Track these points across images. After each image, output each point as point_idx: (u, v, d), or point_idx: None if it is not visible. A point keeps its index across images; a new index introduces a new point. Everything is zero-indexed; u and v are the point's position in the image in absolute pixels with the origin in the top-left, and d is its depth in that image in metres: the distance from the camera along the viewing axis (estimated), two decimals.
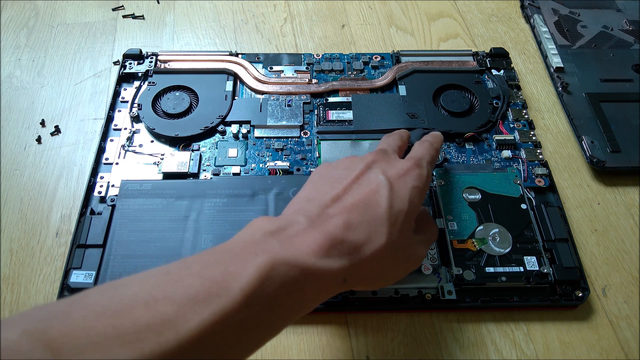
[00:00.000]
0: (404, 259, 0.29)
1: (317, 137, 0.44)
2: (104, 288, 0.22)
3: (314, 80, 0.48)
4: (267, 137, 0.44)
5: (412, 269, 0.31)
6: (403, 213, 0.28)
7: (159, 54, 0.49)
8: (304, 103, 0.46)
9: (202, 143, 0.43)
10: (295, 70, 0.49)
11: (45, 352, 0.18)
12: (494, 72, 0.49)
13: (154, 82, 0.46)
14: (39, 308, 0.21)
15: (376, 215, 0.27)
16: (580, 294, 0.35)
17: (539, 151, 0.43)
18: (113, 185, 0.40)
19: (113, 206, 0.38)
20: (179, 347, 0.20)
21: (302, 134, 0.44)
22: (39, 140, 0.45)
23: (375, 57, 0.51)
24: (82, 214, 0.38)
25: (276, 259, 0.23)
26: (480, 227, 0.37)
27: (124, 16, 0.55)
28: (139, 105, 0.45)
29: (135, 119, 0.44)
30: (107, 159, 0.42)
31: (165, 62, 0.49)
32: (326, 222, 0.26)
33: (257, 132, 0.44)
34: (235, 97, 0.47)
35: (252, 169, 0.42)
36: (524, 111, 0.46)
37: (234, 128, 0.44)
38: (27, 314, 0.21)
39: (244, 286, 0.22)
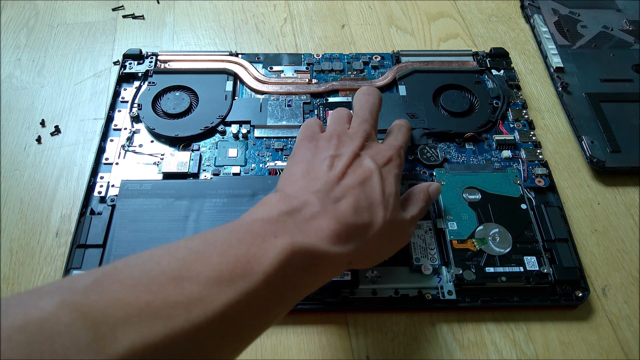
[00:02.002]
0: (397, 236, 0.32)
1: None
2: (131, 262, 0.23)
3: (314, 80, 0.48)
4: (267, 137, 0.44)
5: (403, 244, 0.33)
6: (392, 196, 0.31)
7: (159, 54, 0.49)
8: (304, 103, 0.46)
9: (202, 143, 0.43)
10: (295, 70, 0.49)
11: (84, 324, 0.19)
12: (494, 72, 0.49)
13: (154, 82, 0.46)
14: (70, 279, 0.21)
15: (373, 198, 0.30)
16: (580, 294, 0.35)
17: (539, 151, 0.43)
18: (113, 185, 0.40)
19: (113, 206, 0.38)
20: (206, 323, 0.21)
21: None
22: (39, 140, 0.45)
23: (375, 57, 0.51)
24: (82, 214, 0.38)
25: (295, 245, 0.25)
26: (480, 227, 0.37)
27: (124, 16, 0.55)
28: (139, 105, 0.45)
29: (135, 119, 0.44)
30: (107, 159, 0.42)
31: (165, 62, 0.49)
32: (336, 204, 0.28)
33: (257, 132, 0.44)
34: (235, 97, 0.47)
35: (252, 169, 0.42)
36: (524, 111, 0.46)
37: (234, 128, 0.44)
38: (59, 284, 0.21)
39: (265, 269, 0.23)
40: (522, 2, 0.57)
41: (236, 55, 0.50)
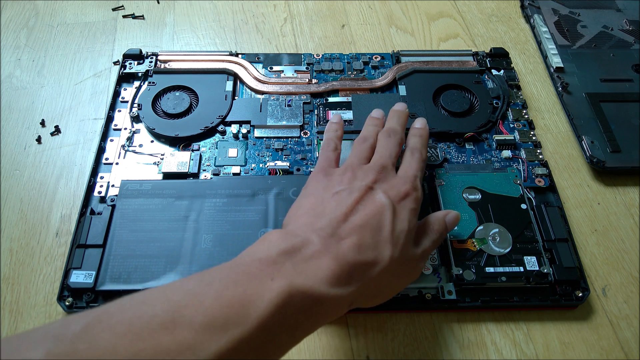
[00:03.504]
0: (405, 273, 0.31)
1: (317, 137, 0.44)
2: (125, 305, 0.22)
3: (314, 80, 0.48)
4: (267, 137, 0.44)
5: (412, 280, 0.32)
6: (404, 233, 0.29)
7: (159, 54, 0.49)
8: (304, 103, 0.46)
9: (202, 143, 0.43)
10: (295, 70, 0.49)
11: None
12: (494, 72, 0.49)
13: (154, 82, 0.46)
14: (60, 324, 0.21)
15: (381, 236, 0.29)
16: (580, 294, 0.35)
17: (539, 151, 0.43)
18: (113, 185, 0.40)
19: (113, 206, 0.38)
20: None
21: (302, 134, 0.44)
22: (39, 140, 0.45)
23: (375, 57, 0.51)
24: (82, 214, 0.38)
25: (292, 287, 0.24)
26: (480, 227, 0.37)
27: (124, 16, 0.55)
28: (139, 105, 0.45)
29: (135, 119, 0.44)
30: (107, 159, 0.42)
31: (165, 62, 0.49)
32: (339, 243, 0.27)
33: (257, 132, 0.44)
34: (235, 97, 0.47)
35: (252, 169, 0.42)
36: (524, 111, 0.46)
37: (234, 128, 0.44)
38: (48, 330, 0.21)
39: (260, 314, 0.23)
40: (522, 2, 0.57)
41: (236, 55, 0.50)
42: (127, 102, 0.46)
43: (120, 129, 0.44)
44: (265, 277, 0.24)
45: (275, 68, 0.49)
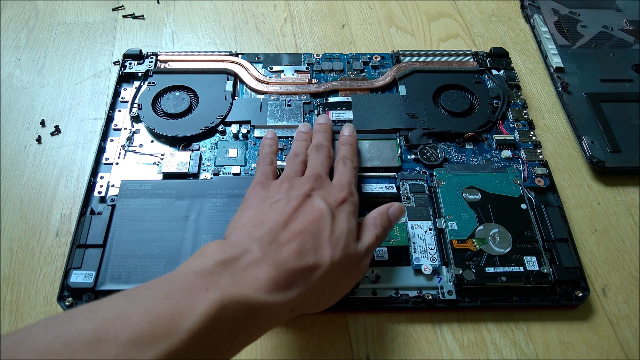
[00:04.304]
0: (349, 273, 0.31)
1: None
2: (49, 325, 0.22)
3: (314, 80, 0.48)
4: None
5: (357, 280, 0.33)
6: (344, 234, 0.30)
7: (159, 54, 0.49)
8: (304, 103, 0.46)
9: (202, 143, 0.43)
10: (295, 70, 0.49)
11: None
12: (494, 72, 0.49)
13: (154, 82, 0.46)
14: None
15: (321, 239, 0.29)
16: (580, 294, 0.35)
17: (539, 151, 0.43)
18: (113, 185, 0.40)
19: (113, 206, 0.38)
20: None
21: None
22: (39, 140, 0.45)
23: (375, 57, 0.51)
24: (82, 214, 0.38)
25: (226, 298, 0.24)
26: (480, 227, 0.37)
27: (124, 16, 0.55)
28: (139, 105, 0.45)
29: (135, 119, 0.44)
30: (107, 159, 0.42)
31: (165, 62, 0.49)
32: (279, 250, 0.28)
33: (257, 132, 0.44)
34: (235, 97, 0.47)
35: (252, 169, 0.42)
36: (524, 111, 0.46)
37: (234, 128, 0.44)
38: None
39: (191, 326, 0.22)
40: (522, 2, 0.57)
41: (236, 55, 0.50)
42: (127, 102, 0.46)
43: (120, 129, 0.44)
44: (199, 289, 0.24)
45: (275, 68, 0.49)
